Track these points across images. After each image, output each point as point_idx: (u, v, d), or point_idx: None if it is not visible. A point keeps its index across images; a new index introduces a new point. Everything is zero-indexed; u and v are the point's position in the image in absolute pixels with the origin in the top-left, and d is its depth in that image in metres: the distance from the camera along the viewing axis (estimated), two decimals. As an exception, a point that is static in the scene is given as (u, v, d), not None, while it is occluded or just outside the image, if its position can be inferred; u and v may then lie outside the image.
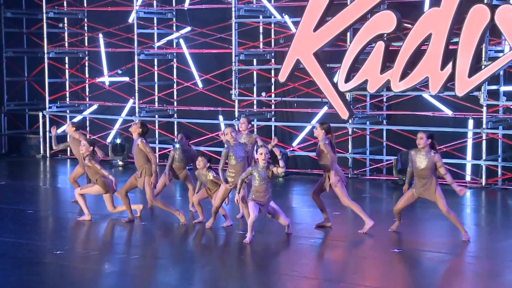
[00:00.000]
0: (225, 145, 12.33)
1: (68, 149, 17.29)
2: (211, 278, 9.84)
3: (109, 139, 20.46)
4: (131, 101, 20.48)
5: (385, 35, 16.65)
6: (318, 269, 10.54)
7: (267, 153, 11.30)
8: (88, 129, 21.59)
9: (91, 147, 12.85)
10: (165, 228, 12.67)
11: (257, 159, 11.37)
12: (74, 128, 14.44)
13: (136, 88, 20.06)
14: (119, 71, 20.61)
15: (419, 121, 17.46)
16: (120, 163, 19.80)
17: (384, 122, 18.16)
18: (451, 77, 15.84)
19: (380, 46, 16.46)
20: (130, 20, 20.29)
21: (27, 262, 10.41)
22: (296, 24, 17.67)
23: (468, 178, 16.90)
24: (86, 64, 21.93)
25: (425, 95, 17.19)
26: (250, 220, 11.17)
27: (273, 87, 19.43)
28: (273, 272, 10.16)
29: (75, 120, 20.00)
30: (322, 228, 12.21)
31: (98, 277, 9.75)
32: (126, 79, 20.57)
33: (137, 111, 20.11)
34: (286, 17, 18.37)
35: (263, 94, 19.14)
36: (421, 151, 11.63)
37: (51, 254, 10.75)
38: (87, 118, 21.57)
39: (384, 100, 18.14)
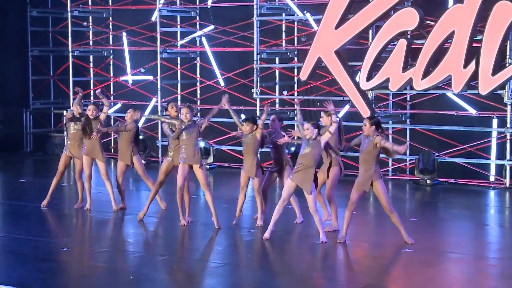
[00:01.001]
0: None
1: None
2: (222, 276, 9.72)
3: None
4: (154, 99, 20.42)
5: (408, 32, 16.39)
6: (324, 269, 10.36)
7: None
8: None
9: None
10: (174, 225, 12.57)
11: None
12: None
13: (159, 87, 19.99)
14: (142, 70, 20.57)
15: (443, 120, 17.19)
16: (143, 161, 19.68)
17: (408, 121, 17.89)
18: (474, 76, 15.54)
19: (402, 44, 16.19)
20: (153, 19, 20.24)
21: (33, 258, 10.37)
22: (318, 21, 17.47)
23: (492, 178, 16.59)
24: (111, 62, 21.92)
25: (449, 94, 16.90)
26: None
27: (295, 85, 19.25)
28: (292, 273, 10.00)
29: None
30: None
31: (100, 274, 9.65)
32: (150, 77, 20.51)
33: (159, 109, 20.03)
34: (308, 15, 18.19)
35: (285, 92, 18.97)
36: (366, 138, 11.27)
37: (58, 251, 10.68)
38: (112, 117, 21.56)
39: (408, 99, 17.88)
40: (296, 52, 19.16)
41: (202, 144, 19.23)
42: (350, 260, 10.78)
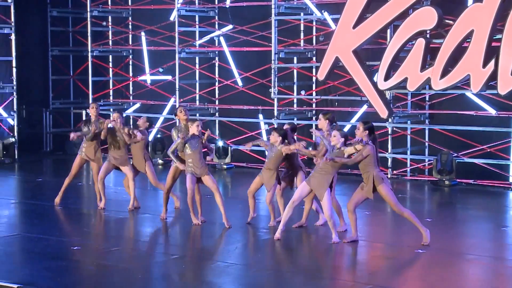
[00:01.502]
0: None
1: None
2: (231, 276, 9.66)
3: (150, 138, 20.38)
4: (172, 99, 20.40)
5: (427, 31, 16.22)
6: (343, 270, 10.26)
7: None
8: (131, 127, 21.55)
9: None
10: (187, 225, 12.51)
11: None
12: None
13: (177, 87, 19.95)
14: (160, 70, 20.56)
15: (462, 120, 17.01)
16: (160, 161, 19.72)
17: (427, 121, 17.74)
18: (494, 75, 15.34)
19: (421, 43, 16.01)
20: (171, 18, 20.21)
21: (43, 257, 10.36)
22: (336, 21, 17.36)
23: (511, 179, 16.38)
24: (130, 62, 21.93)
25: (468, 94, 16.73)
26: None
27: (314, 85, 19.15)
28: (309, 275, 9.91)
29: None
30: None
31: (108, 273, 9.62)
32: (169, 77, 20.48)
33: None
34: (326, 14, 18.09)
35: (303, 92, 18.88)
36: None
37: (68, 249, 10.66)
38: (131, 117, 21.57)
39: (427, 98, 17.72)
40: (314, 52, 19.06)
41: (220, 143, 19.19)
42: (362, 260, 10.68)
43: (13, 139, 19.92)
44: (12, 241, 11.35)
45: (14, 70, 20.36)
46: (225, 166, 18.92)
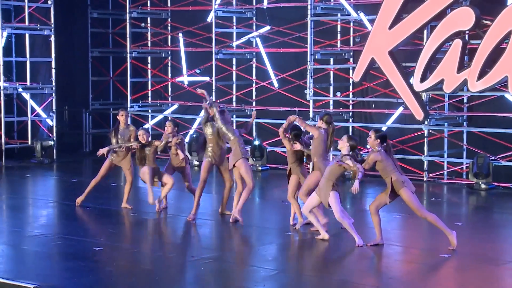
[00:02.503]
0: None
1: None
2: (248, 280, 9.57)
3: (186, 139, 20.39)
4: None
5: (466, 32, 15.93)
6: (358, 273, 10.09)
7: None
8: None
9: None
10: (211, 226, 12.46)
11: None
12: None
13: (213, 88, 19.92)
14: (197, 71, 20.55)
15: (501, 122, 16.69)
16: (196, 162, 19.70)
17: (465, 123, 17.44)
18: (532, 77, 15.03)
19: (457, 44, 15.73)
20: (208, 20, 20.19)
21: (63, 257, 10.39)
22: (372, 22, 17.14)
23: (550, 183, 16.06)
24: (169, 63, 21.96)
25: (508, 96, 16.41)
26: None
27: (351, 87, 18.96)
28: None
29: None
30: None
31: (126, 275, 9.58)
32: (206, 78, 20.45)
33: (214, 111, 19.95)
34: (362, 15, 17.90)
35: (338, 94, 18.70)
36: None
37: (91, 250, 10.65)
38: (169, 118, 21.58)
39: (465, 100, 17.42)
40: (351, 53, 18.87)
41: (256, 142, 19.09)
42: (383, 264, 10.48)
43: (52, 142, 20.03)
44: (36, 241, 11.36)
45: (54, 71, 20.51)
46: (260, 168, 18.82)
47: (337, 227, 11.89)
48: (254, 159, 18.78)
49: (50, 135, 20.62)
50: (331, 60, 19.05)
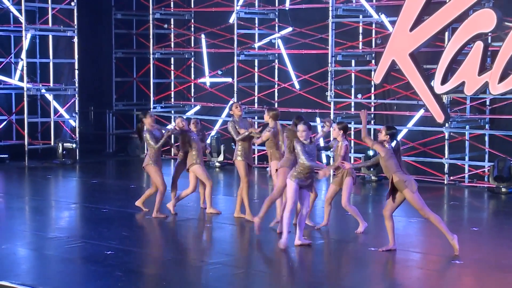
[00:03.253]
0: None
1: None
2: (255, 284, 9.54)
3: (208, 140, 20.38)
4: (231, 101, 20.33)
5: (489, 34, 15.75)
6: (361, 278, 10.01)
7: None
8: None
9: None
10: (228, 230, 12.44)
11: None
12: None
13: (235, 89, 19.91)
14: (219, 72, 20.54)
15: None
16: (217, 164, 19.70)
17: (487, 126, 17.26)
18: (554, 79, 14.84)
19: (479, 46, 15.58)
20: (230, 21, 20.17)
21: (73, 261, 10.41)
22: (393, 23, 17.02)
23: None
24: (192, 64, 21.97)
25: (531, 98, 16.24)
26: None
27: (372, 88, 18.84)
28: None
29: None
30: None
31: (133, 279, 9.57)
32: (229, 80, 20.43)
33: (236, 112, 19.94)
34: (383, 16, 17.77)
35: (359, 96, 18.60)
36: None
37: (102, 254, 10.66)
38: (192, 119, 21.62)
39: (487, 103, 17.25)
40: (373, 55, 18.75)
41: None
42: (393, 270, 10.38)
43: (74, 145, 20.12)
44: (48, 244, 11.41)
45: (77, 72, 20.61)
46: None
47: (344, 232, 11.84)
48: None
49: (73, 136, 20.73)
50: (353, 61, 18.96)
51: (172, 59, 22.14)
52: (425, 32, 16.18)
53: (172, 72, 22.12)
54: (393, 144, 10.75)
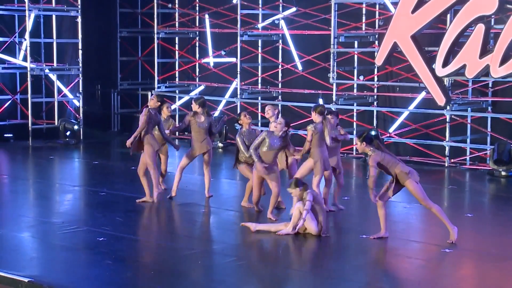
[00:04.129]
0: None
1: None
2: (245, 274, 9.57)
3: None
4: (235, 82, 20.34)
5: (492, 16, 15.60)
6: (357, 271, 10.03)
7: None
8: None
9: None
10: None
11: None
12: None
13: (238, 70, 19.88)
14: (223, 52, 20.49)
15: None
16: (220, 144, 19.71)
17: (489, 108, 17.18)
18: (555, 63, 14.72)
19: (480, 29, 15.45)
20: (234, 1, 20.09)
21: (64, 248, 10.43)
22: (395, 5, 16.91)
23: None
24: (197, 44, 21.93)
25: (533, 81, 16.13)
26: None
27: (375, 70, 18.76)
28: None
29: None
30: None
31: (122, 268, 9.61)
32: (233, 60, 20.37)
33: (238, 92, 19.96)
34: (385, -2, 17.67)
35: (361, 77, 18.54)
36: None
37: (93, 241, 10.67)
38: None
39: (490, 85, 17.15)
40: (376, 36, 18.65)
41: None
42: (381, 259, 10.38)
43: (76, 126, 20.16)
44: (41, 230, 11.45)
45: (80, 52, 20.63)
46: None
47: (337, 219, 11.84)
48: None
49: (77, 116, 20.79)
50: (356, 43, 18.87)
51: (177, 38, 22.09)
52: (427, 14, 16.04)
53: (177, 52, 22.08)
54: (374, 143, 10.72)
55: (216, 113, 20.59)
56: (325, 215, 11.08)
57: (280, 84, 20.29)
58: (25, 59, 20.22)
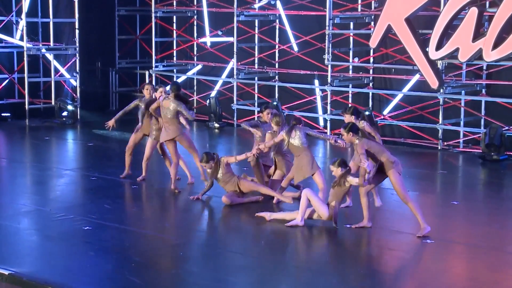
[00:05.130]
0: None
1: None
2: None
3: (207, 101, 20.39)
4: (231, 62, 20.33)
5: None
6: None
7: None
8: (195, 88, 21.80)
9: None
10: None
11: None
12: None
13: (235, 50, 19.87)
14: (220, 32, 20.46)
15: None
16: (216, 125, 19.76)
17: (483, 91, 17.16)
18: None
19: (473, 12, 15.40)
20: (231, -20, 20.04)
21: (49, 238, 10.50)
22: (391, -14, 16.82)
23: None
24: (195, 23, 21.89)
25: (528, 64, 16.08)
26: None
27: (371, 51, 18.71)
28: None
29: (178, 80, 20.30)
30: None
31: (103, 261, 9.68)
32: (230, 39, 20.32)
33: (235, 72, 19.96)
34: (381, -21, 17.58)
35: (356, 59, 18.51)
36: None
37: (79, 230, 10.75)
38: (195, 79, 21.71)
39: (484, 67, 17.11)
40: (372, 17, 18.59)
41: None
42: (358, 250, 10.42)
43: (70, 107, 20.20)
44: (27, 218, 11.47)
45: (77, 31, 20.65)
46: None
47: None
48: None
49: (74, 95, 20.85)
50: (351, 24, 18.81)
51: (175, 17, 22.06)
52: (421, -5, 16.04)
53: (174, 31, 22.05)
54: (359, 133, 10.76)
55: (213, 93, 20.65)
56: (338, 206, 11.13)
57: (277, 64, 20.27)
58: (22, 39, 20.26)
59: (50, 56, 20.67)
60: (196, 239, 10.81)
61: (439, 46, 15.84)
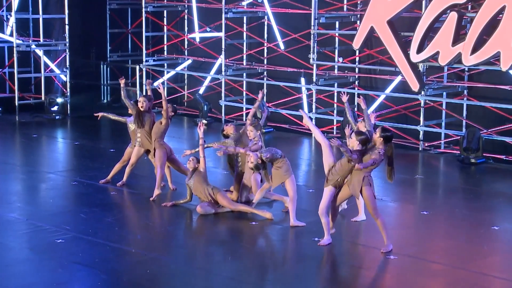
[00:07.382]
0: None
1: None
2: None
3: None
4: (220, 59, 20.47)
5: (466, 3, 15.63)
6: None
7: None
8: (186, 82, 21.99)
9: None
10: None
11: None
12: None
13: (223, 47, 20.01)
14: (208, 29, 20.61)
15: (502, 93, 16.55)
16: (204, 121, 19.91)
17: (465, 92, 17.31)
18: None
19: (453, 17, 15.57)
20: (219, -23, 20.15)
21: (17, 251, 10.63)
22: (375, -13, 16.90)
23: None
24: (185, 17, 22.03)
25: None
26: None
27: (357, 51, 18.81)
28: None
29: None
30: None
31: (76, 275, 9.88)
32: (220, 34, 20.46)
33: (223, 69, 20.12)
34: (365, -20, 17.67)
35: (340, 59, 18.65)
36: None
37: (51, 243, 10.82)
38: (185, 75, 21.88)
39: (466, 69, 17.23)
40: (358, 16, 18.69)
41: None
42: (320, 266, 10.60)
43: (60, 99, 20.37)
44: (3, 228, 11.54)
45: (67, 27, 20.82)
46: (263, 130, 18.91)
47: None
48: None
49: (65, 90, 21.07)
50: (337, 23, 18.92)
51: (165, 12, 22.19)
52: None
53: (165, 25, 22.19)
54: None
55: (201, 90, 20.83)
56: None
57: (265, 61, 20.41)
58: (12, 34, 20.45)
59: (40, 52, 20.87)
60: (166, 253, 10.90)
61: (420, 49, 16.01)
